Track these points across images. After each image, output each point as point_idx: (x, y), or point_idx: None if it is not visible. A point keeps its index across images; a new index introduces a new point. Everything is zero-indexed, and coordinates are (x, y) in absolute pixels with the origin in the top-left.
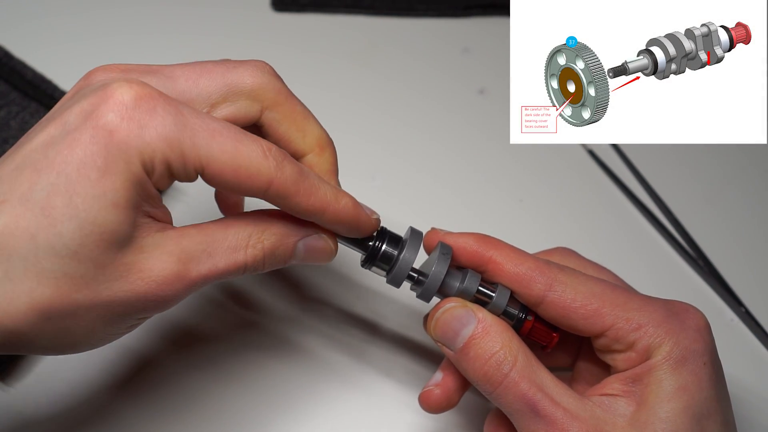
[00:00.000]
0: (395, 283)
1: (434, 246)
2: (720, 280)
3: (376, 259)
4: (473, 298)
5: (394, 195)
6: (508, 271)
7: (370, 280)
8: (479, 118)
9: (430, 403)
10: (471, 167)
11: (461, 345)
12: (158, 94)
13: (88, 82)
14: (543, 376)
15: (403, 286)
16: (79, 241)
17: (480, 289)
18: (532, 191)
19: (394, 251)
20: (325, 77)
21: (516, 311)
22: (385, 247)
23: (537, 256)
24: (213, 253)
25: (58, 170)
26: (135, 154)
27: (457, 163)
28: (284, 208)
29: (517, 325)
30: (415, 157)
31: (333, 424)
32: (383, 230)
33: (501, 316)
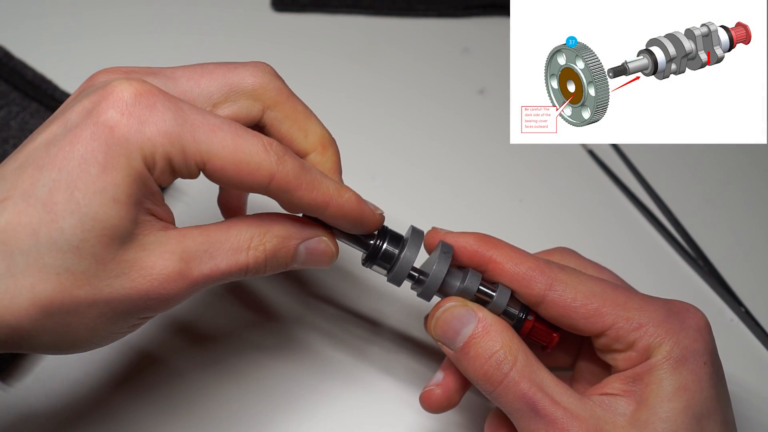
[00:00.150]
0: (396, 282)
1: (435, 245)
2: (720, 280)
3: (377, 258)
4: (474, 297)
5: (394, 195)
6: (509, 270)
7: (371, 279)
8: (479, 118)
9: (431, 403)
10: (471, 167)
11: (461, 344)
12: (158, 91)
13: (91, 83)
14: (543, 375)
15: (404, 285)
16: (81, 236)
17: (480, 288)
18: (532, 191)
19: (395, 250)
20: (325, 77)
21: (516, 311)
22: (386, 246)
23: (537, 256)
24: (215, 254)
25: (59, 167)
26: (136, 150)
27: (458, 163)
28: (287, 203)
29: (518, 325)
30: (416, 157)
31: (333, 423)
32: (384, 229)
33: (501, 316)
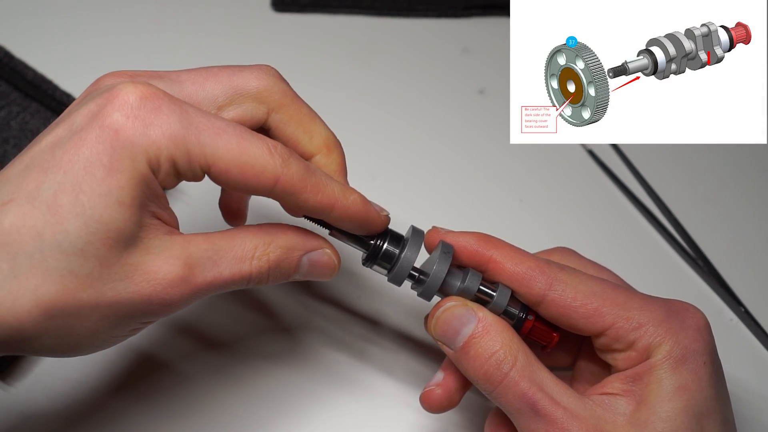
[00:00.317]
0: (396, 282)
1: (435, 245)
2: (720, 280)
3: (378, 258)
4: (474, 297)
5: (395, 195)
6: (509, 270)
7: (372, 279)
8: (479, 118)
9: (432, 403)
10: (471, 167)
11: (461, 344)
12: (163, 94)
13: (97, 86)
14: (543, 375)
15: (404, 285)
16: (85, 239)
17: (481, 288)
18: (532, 191)
19: (395, 250)
20: (326, 77)
21: (516, 311)
22: (387, 246)
23: (537, 256)
24: (218, 262)
25: (65, 169)
26: (141, 153)
27: (458, 163)
28: (292, 206)
29: (518, 325)
30: (416, 157)
31: (333, 424)
32: (385, 229)
33: (501, 316)
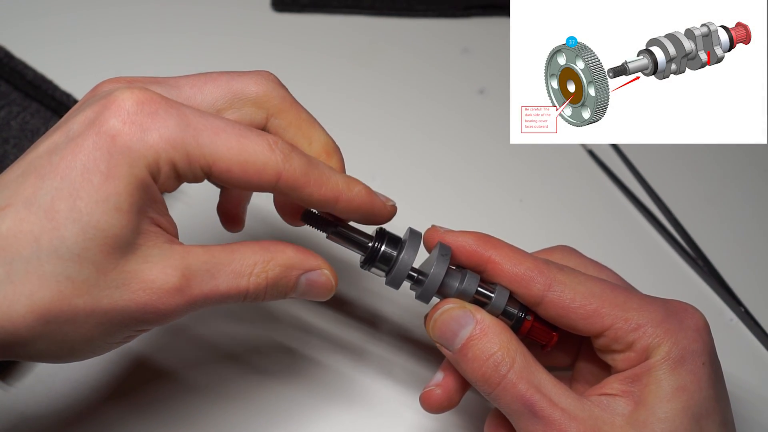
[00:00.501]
0: (394, 284)
1: (434, 243)
2: (720, 280)
3: (376, 260)
4: (472, 299)
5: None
6: (507, 271)
7: (370, 281)
8: (479, 118)
9: (431, 404)
10: (471, 167)
11: (459, 346)
12: (160, 98)
13: (95, 93)
14: (541, 376)
15: (403, 286)
16: (82, 245)
17: (479, 290)
18: (532, 191)
19: (393, 252)
20: (326, 77)
21: (515, 311)
22: (384, 248)
23: (536, 256)
24: (216, 275)
25: (62, 175)
26: (139, 158)
27: (458, 163)
28: (297, 201)
29: (517, 325)
30: (416, 157)
31: (333, 425)
32: (382, 231)
33: (500, 316)
